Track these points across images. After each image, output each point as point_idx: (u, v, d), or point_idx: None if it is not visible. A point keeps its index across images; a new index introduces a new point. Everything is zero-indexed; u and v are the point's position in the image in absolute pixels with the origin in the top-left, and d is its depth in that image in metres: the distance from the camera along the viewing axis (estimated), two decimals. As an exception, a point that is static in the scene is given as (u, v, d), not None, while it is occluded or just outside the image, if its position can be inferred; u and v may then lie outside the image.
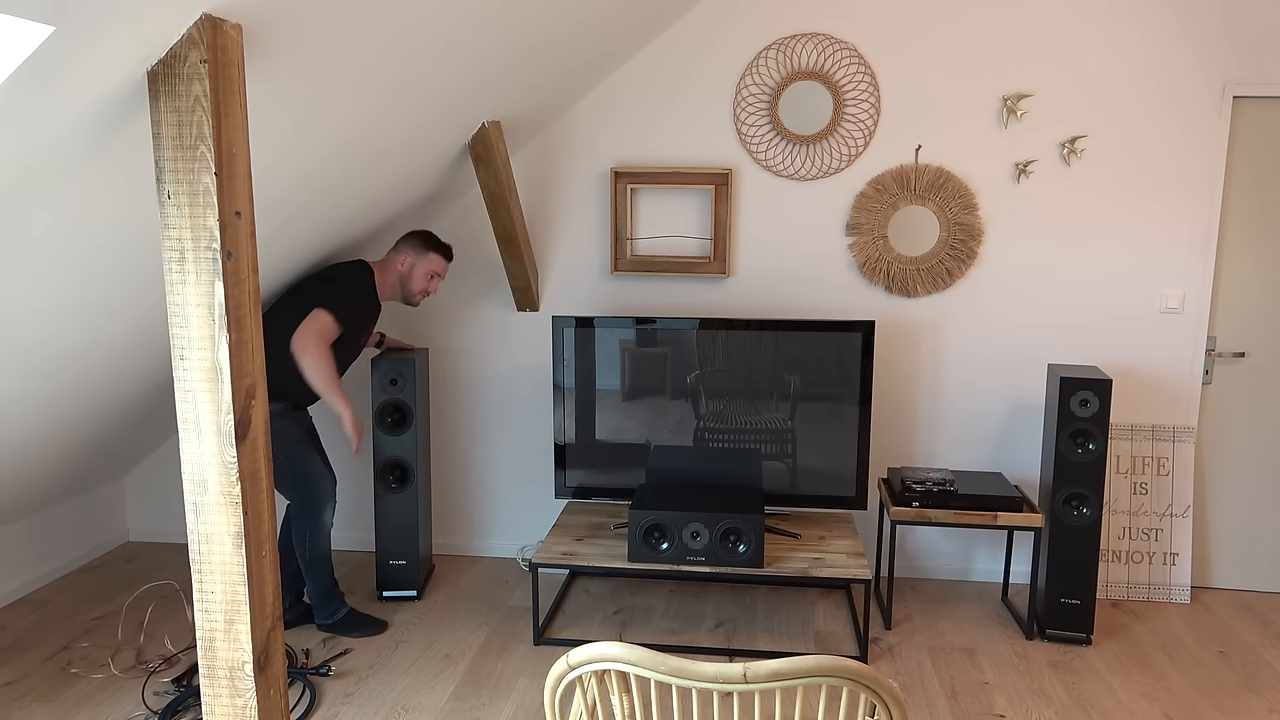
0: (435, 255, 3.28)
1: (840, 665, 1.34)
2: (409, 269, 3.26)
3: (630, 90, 3.69)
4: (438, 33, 2.33)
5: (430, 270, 3.28)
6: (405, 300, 3.32)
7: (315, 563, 3.28)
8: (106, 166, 1.92)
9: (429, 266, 3.27)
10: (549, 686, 1.45)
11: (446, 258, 3.32)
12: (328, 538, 3.31)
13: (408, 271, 3.26)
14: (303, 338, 3.00)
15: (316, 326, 3.02)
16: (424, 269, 3.27)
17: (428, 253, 3.27)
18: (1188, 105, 3.49)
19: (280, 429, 3.13)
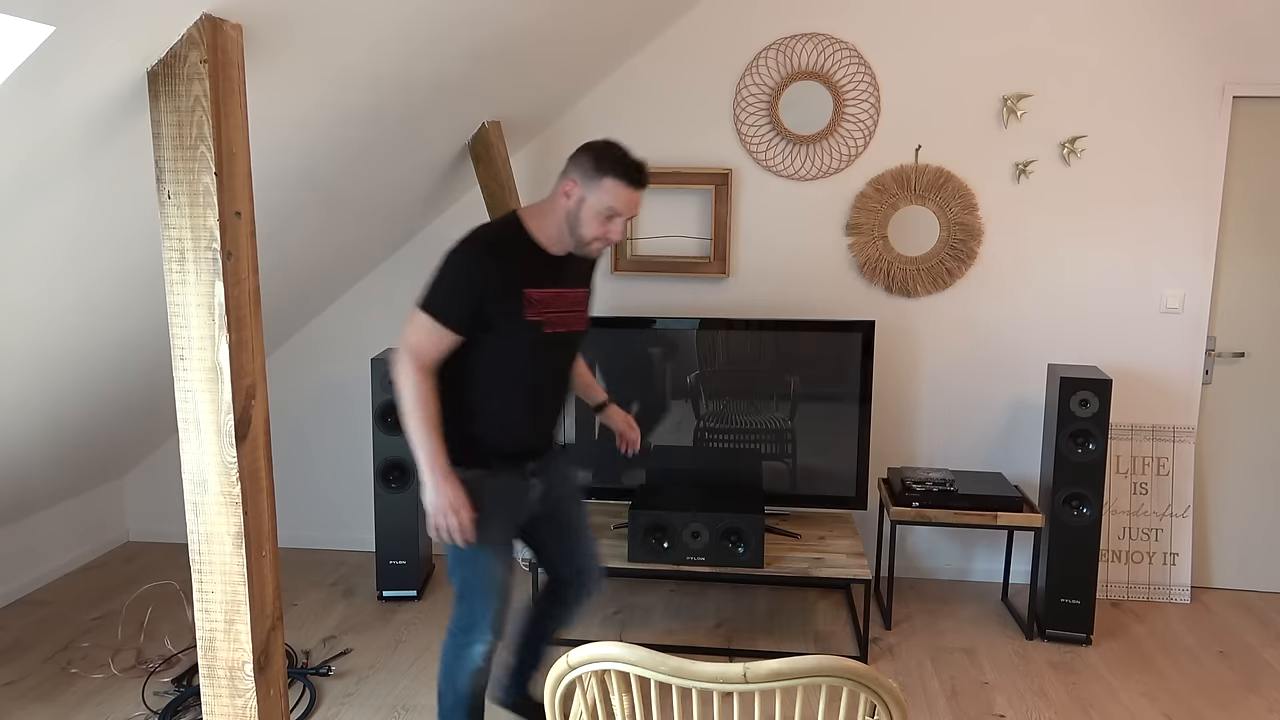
0: (612, 182, 2.08)
1: (840, 665, 1.34)
2: (576, 204, 2.11)
3: (630, 90, 3.69)
4: (438, 33, 2.33)
5: (604, 206, 2.09)
6: (577, 251, 2.19)
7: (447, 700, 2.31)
8: (106, 166, 1.92)
9: (602, 201, 2.09)
10: (549, 687, 1.45)
11: (633, 183, 2.10)
12: (475, 678, 2.28)
13: (575, 208, 2.11)
14: (397, 353, 2.13)
15: (409, 336, 2.10)
16: (595, 205, 2.09)
17: (600, 179, 2.08)
18: (1188, 105, 3.49)
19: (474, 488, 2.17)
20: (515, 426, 2.26)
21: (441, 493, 2.08)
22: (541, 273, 2.16)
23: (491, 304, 2.10)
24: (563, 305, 2.20)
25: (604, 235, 2.13)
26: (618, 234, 2.14)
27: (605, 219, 2.11)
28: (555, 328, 2.19)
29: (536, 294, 2.14)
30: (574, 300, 2.24)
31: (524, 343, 2.16)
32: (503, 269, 2.11)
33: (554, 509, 2.41)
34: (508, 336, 2.14)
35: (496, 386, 2.19)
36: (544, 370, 2.25)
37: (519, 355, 2.18)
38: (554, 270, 2.18)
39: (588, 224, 2.11)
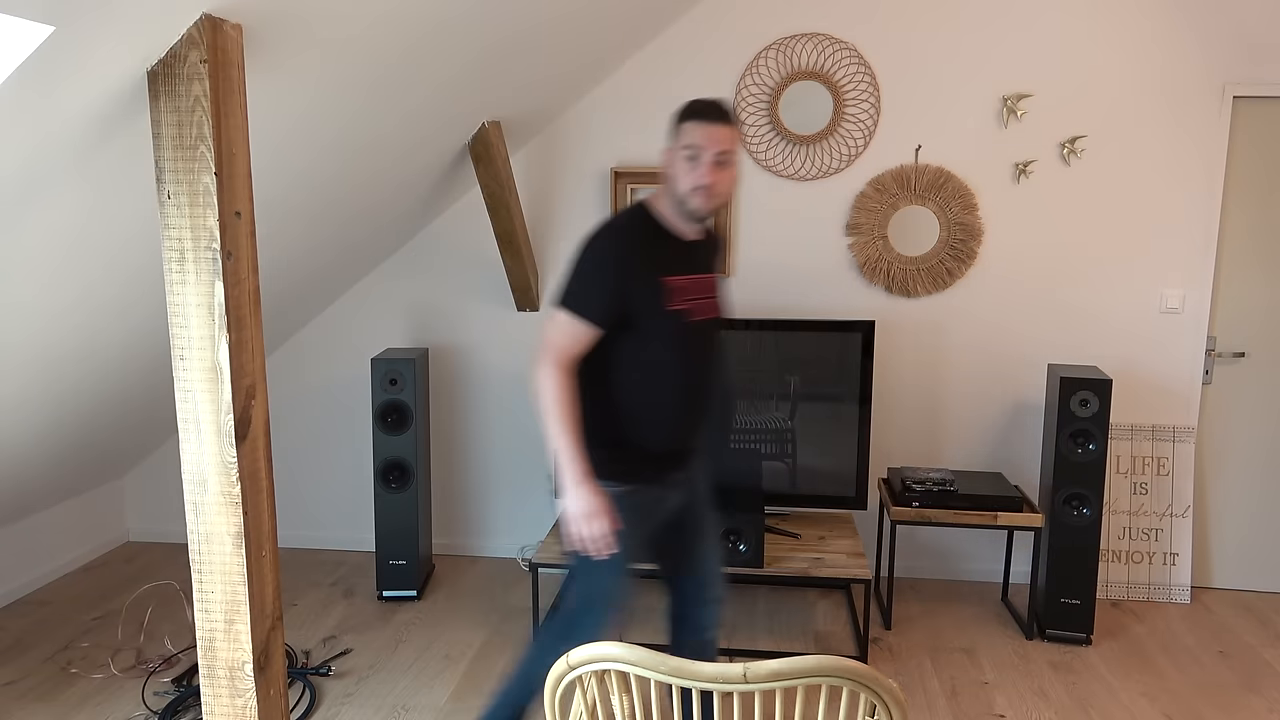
0: (687, 124, 2.02)
1: (840, 665, 1.34)
2: (669, 164, 2.06)
3: (630, 90, 3.69)
4: (438, 33, 2.33)
5: (683, 148, 2.02)
6: (686, 214, 2.08)
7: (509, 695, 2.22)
8: (107, 167, 1.92)
9: (680, 144, 2.03)
10: (549, 686, 1.45)
11: (705, 118, 2.02)
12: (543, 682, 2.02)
13: (670, 169, 2.06)
14: (540, 355, 2.06)
15: (549, 335, 2.05)
16: (679, 153, 2.03)
17: (678, 127, 2.04)
18: (1188, 105, 3.49)
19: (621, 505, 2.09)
20: (667, 425, 2.14)
21: (582, 498, 1.99)
22: (676, 259, 2.08)
23: (632, 295, 2.02)
24: (700, 292, 2.11)
25: (696, 181, 1.99)
26: (707, 174, 1.98)
27: (690, 162, 1.99)
28: (697, 316, 2.10)
29: (675, 282, 2.06)
30: (709, 286, 2.16)
31: (668, 334, 2.07)
32: (639, 258, 2.03)
33: (686, 516, 2.29)
34: (651, 329, 2.04)
35: (645, 383, 2.09)
36: (691, 362, 2.12)
37: (665, 348, 2.07)
38: (687, 256, 2.11)
39: (680, 177, 2.01)
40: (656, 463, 2.15)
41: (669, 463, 2.17)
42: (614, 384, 2.09)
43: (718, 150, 1.99)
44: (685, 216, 2.06)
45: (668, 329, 2.06)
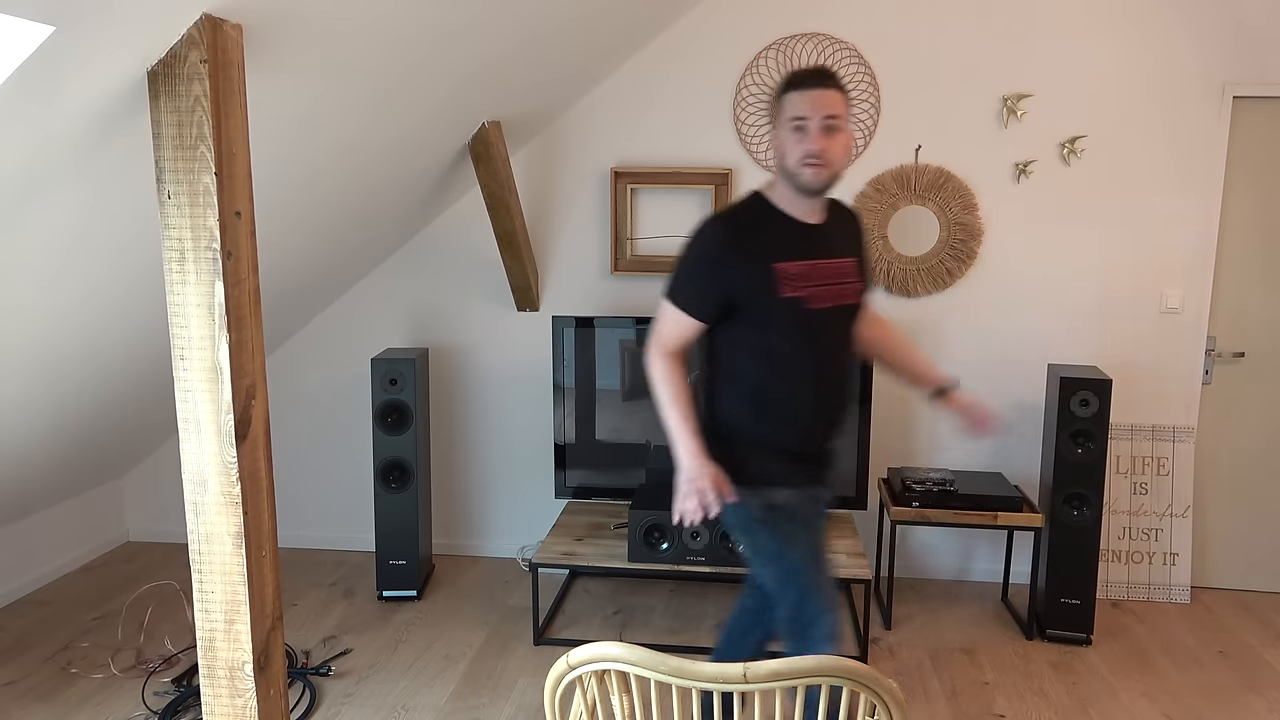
0: (787, 95, 1.96)
1: (840, 665, 1.34)
2: (777, 145, 2.00)
3: (630, 90, 3.69)
4: (438, 33, 2.33)
5: (788, 121, 1.94)
6: (801, 190, 1.98)
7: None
8: (107, 167, 1.92)
9: (784, 119, 1.95)
10: (549, 686, 1.45)
11: (804, 85, 1.94)
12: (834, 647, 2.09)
13: (777, 145, 1.99)
14: (650, 342, 2.10)
15: (658, 325, 2.08)
16: (784, 126, 1.96)
17: (780, 100, 1.97)
18: (1188, 105, 3.49)
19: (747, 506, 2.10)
20: (795, 420, 2.06)
21: (696, 468, 2.00)
22: (792, 244, 1.99)
23: (738, 285, 1.97)
24: (824, 277, 2.00)
25: (805, 151, 1.90)
26: (816, 141, 1.90)
27: (797, 134, 1.92)
28: (819, 303, 2.00)
29: (790, 268, 1.97)
30: (838, 271, 2.03)
31: (786, 323, 1.99)
32: (746, 245, 1.97)
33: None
34: (765, 318, 1.99)
35: (769, 375, 2.03)
36: (817, 352, 2.03)
37: (784, 338, 2.00)
38: (809, 240, 2.01)
39: (788, 151, 1.93)
40: (790, 464, 2.08)
41: (804, 465, 2.11)
42: (740, 376, 2.06)
43: (824, 115, 1.90)
44: (800, 193, 1.97)
45: (784, 317, 1.98)
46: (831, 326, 2.05)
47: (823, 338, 2.04)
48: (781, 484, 2.08)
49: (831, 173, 1.94)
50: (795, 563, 2.08)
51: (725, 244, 1.98)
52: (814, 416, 2.08)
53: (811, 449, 2.11)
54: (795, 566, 2.08)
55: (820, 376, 2.05)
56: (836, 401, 2.11)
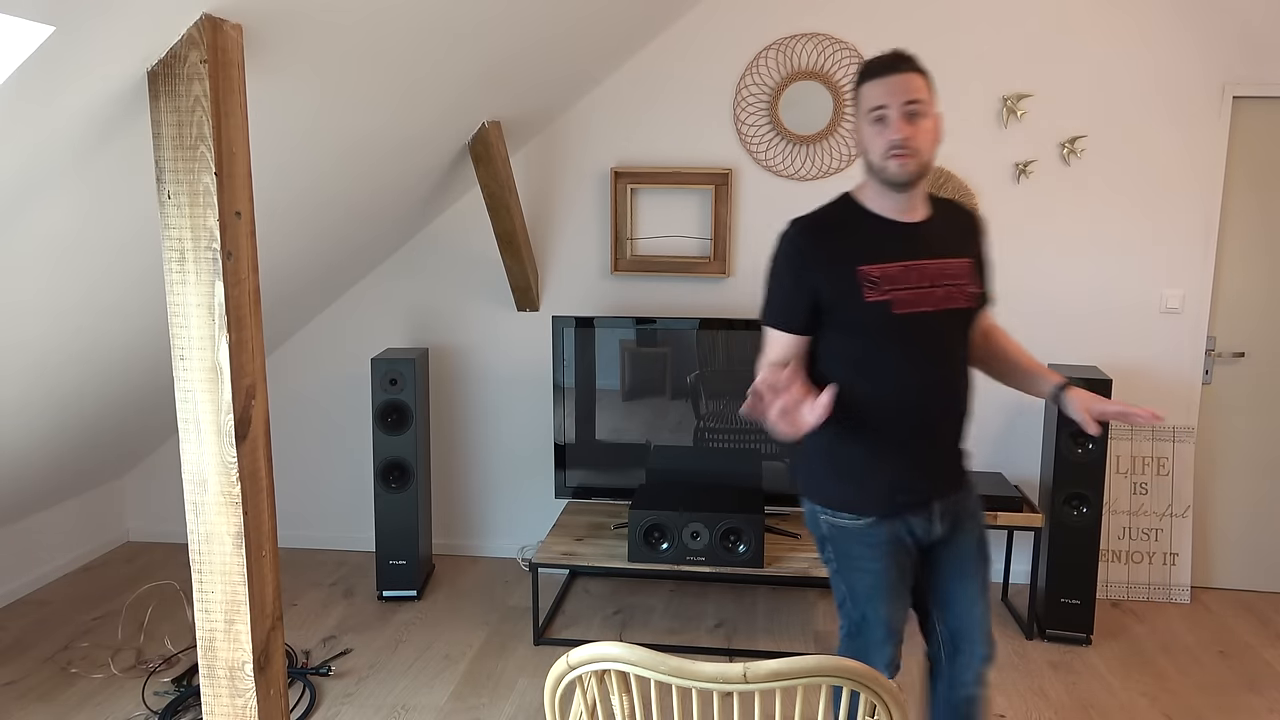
0: (865, 86, 1.83)
1: (840, 665, 1.34)
2: (860, 140, 1.87)
3: (630, 90, 3.69)
4: (438, 33, 2.33)
5: (869, 112, 1.81)
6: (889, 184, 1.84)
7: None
8: (106, 167, 1.92)
9: (864, 111, 1.83)
10: (549, 686, 1.45)
11: (881, 73, 1.81)
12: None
13: (860, 144, 1.87)
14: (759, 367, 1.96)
15: (763, 354, 1.97)
16: (864, 119, 1.83)
17: (858, 92, 1.85)
18: (1188, 105, 3.49)
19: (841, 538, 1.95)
20: (895, 437, 1.87)
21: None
22: (881, 244, 1.84)
23: (823, 289, 1.84)
24: (919, 280, 1.83)
25: (888, 142, 1.77)
26: (899, 129, 1.75)
27: (878, 124, 1.79)
28: (911, 307, 1.82)
29: (876, 270, 1.82)
30: (939, 273, 1.85)
31: (874, 330, 1.83)
32: (827, 247, 1.86)
33: (943, 552, 1.99)
34: (854, 326, 1.85)
35: (860, 387, 1.85)
36: (915, 361, 1.85)
37: (874, 346, 1.85)
38: (903, 239, 1.85)
39: (871, 144, 1.80)
40: (895, 486, 1.88)
41: (911, 487, 1.89)
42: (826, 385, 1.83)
43: (905, 100, 1.76)
44: (890, 188, 1.82)
45: (871, 323, 1.82)
46: (932, 333, 1.85)
47: (922, 346, 1.84)
48: (858, 511, 1.90)
49: (920, 162, 1.78)
50: (856, 601, 1.94)
51: (804, 248, 1.87)
52: (910, 434, 1.87)
53: (908, 472, 1.88)
54: (854, 606, 1.95)
55: (919, 389, 1.85)
56: (942, 418, 1.90)
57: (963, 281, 1.88)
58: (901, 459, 1.88)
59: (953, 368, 1.90)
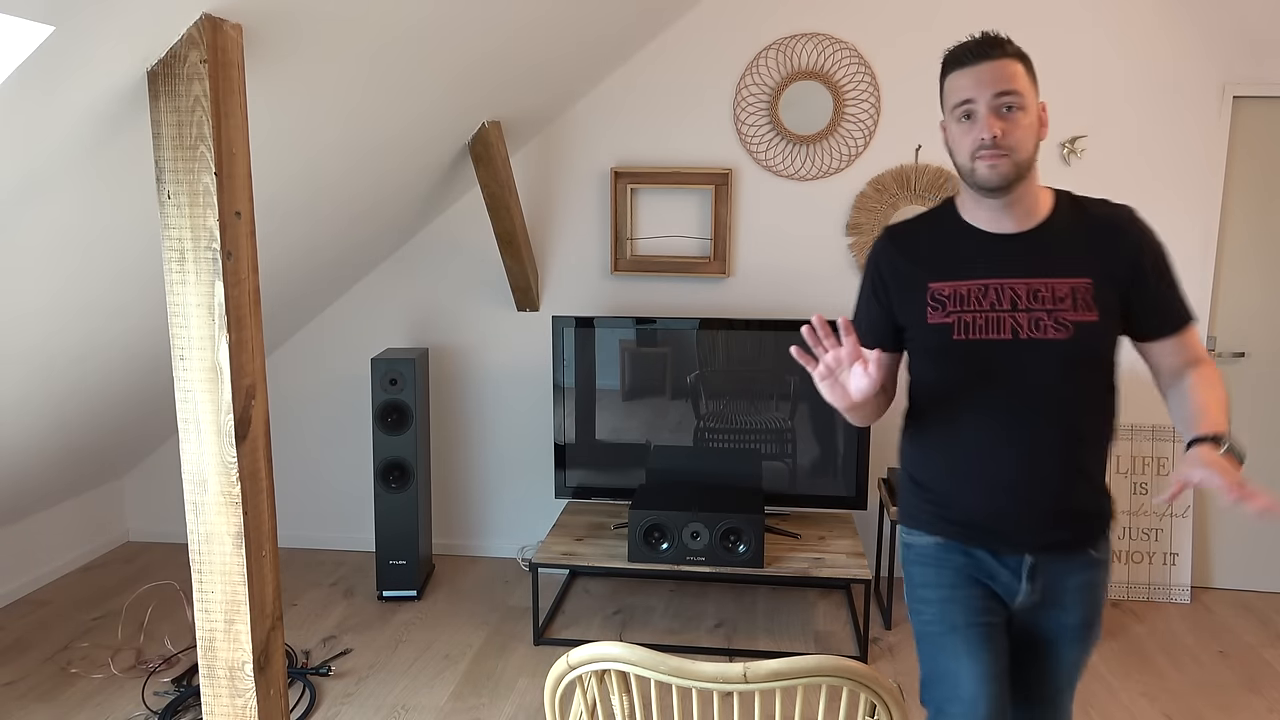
0: (947, 80, 1.60)
1: (840, 665, 1.34)
2: (948, 141, 1.63)
3: (630, 90, 3.69)
4: (438, 33, 2.33)
5: (954, 109, 1.58)
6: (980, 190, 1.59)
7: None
8: (106, 166, 1.92)
9: (949, 108, 1.59)
10: (549, 686, 1.45)
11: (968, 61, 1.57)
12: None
13: (948, 141, 1.63)
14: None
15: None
16: (950, 117, 1.60)
17: (942, 88, 1.62)
18: (1188, 105, 3.49)
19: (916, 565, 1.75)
20: (960, 476, 1.66)
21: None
22: (963, 260, 1.62)
23: (895, 306, 1.69)
24: (996, 302, 1.59)
25: (977, 141, 1.53)
26: (989, 126, 1.51)
27: (964, 122, 1.56)
28: (978, 334, 1.59)
29: (947, 288, 1.61)
30: (1029, 295, 1.58)
31: (938, 358, 1.65)
32: (905, 258, 1.68)
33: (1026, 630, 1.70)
34: (922, 351, 1.68)
35: (933, 419, 1.69)
36: (981, 399, 1.62)
37: (943, 375, 1.65)
38: (993, 254, 1.61)
39: (958, 146, 1.57)
40: (970, 509, 1.66)
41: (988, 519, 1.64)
42: (913, 415, 1.75)
43: (994, 92, 1.52)
44: (983, 194, 1.58)
45: (936, 350, 1.64)
46: (1006, 367, 1.59)
47: (992, 381, 1.60)
48: (927, 526, 1.71)
49: (1014, 162, 1.53)
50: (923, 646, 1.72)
51: (882, 259, 1.71)
52: (986, 477, 1.63)
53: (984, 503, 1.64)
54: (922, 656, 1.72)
55: (992, 432, 1.62)
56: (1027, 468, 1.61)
57: (1061, 307, 1.57)
58: (979, 494, 1.64)
59: (1043, 411, 1.59)
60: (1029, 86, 1.55)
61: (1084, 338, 1.57)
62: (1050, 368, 1.58)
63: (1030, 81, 1.55)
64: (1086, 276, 1.58)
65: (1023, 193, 1.59)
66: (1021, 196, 1.59)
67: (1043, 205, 1.62)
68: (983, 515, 1.65)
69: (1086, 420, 1.61)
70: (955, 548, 1.68)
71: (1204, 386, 1.59)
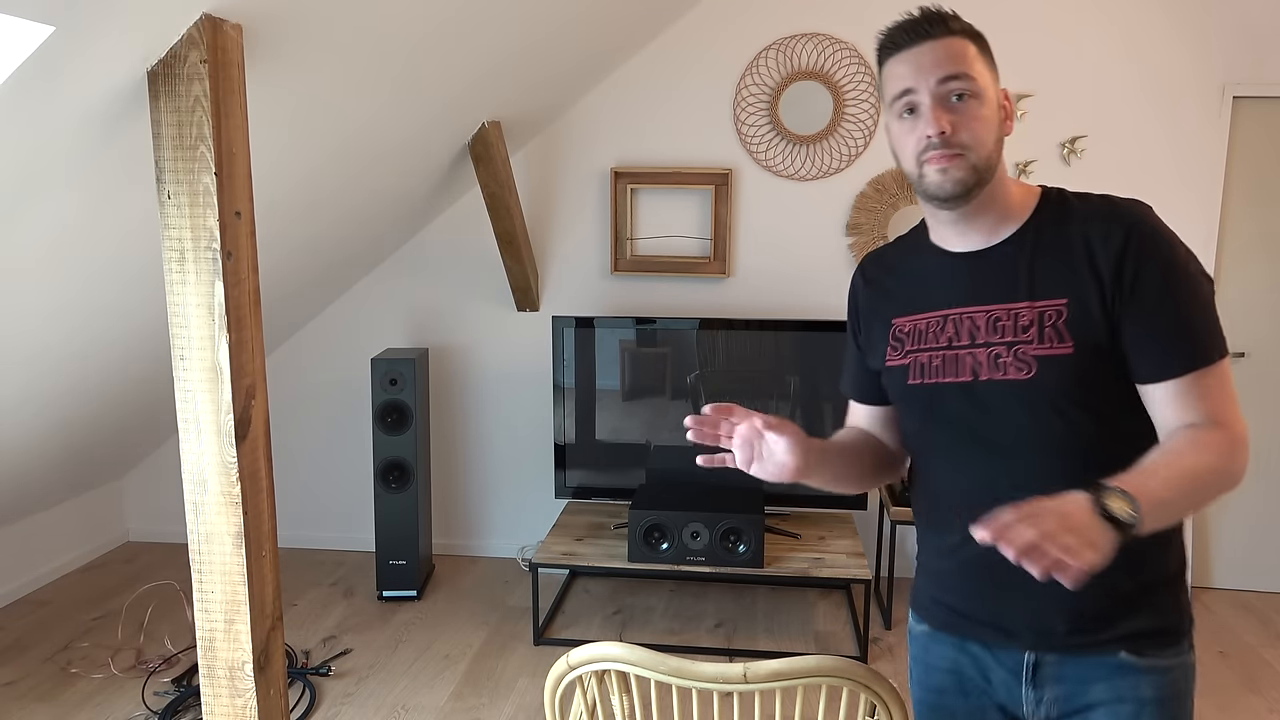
0: (886, 67, 1.28)
1: (840, 665, 1.34)
2: (891, 140, 1.30)
3: (630, 90, 3.69)
4: (438, 33, 2.33)
5: (892, 100, 1.26)
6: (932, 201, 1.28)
7: None
8: (106, 166, 1.92)
9: (887, 98, 1.28)
10: (549, 686, 1.45)
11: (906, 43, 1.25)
12: None
13: (892, 145, 1.30)
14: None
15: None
16: (889, 111, 1.28)
17: (880, 76, 1.30)
18: (1188, 105, 3.49)
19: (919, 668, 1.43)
20: (938, 548, 1.36)
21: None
22: (927, 287, 1.33)
23: (868, 348, 1.42)
24: (953, 337, 1.28)
25: (922, 141, 1.21)
26: (934, 121, 1.20)
27: (907, 118, 1.23)
28: (932, 376, 1.29)
29: (907, 323, 1.34)
30: (988, 326, 1.25)
31: (903, 408, 1.37)
32: (871, 289, 1.42)
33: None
34: (892, 399, 1.40)
35: (918, 479, 1.41)
36: (950, 455, 1.31)
37: (913, 428, 1.37)
38: (953, 278, 1.30)
39: (902, 147, 1.25)
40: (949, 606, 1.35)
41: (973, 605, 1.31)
42: (909, 473, 1.47)
43: (939, 77, 1.20)
44: (937, 206, 1.27)
45: (899, 398, 1.37)
46: (968, 417, 1.26)
47: (955, 434, 1.28)
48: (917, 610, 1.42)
49: (969, 164, 1.22)
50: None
51: (856, 292, 1.45)
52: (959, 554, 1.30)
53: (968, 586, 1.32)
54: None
55: (963, 495, 1.29)
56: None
57: (1023, 339, 1.22)
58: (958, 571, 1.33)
59: (1022, 470, 1.24)
60: (984, 69, 1.26)
61: (1051, 378, 1.20)
62: (1015, 417, 1.24)
63: (986, 64, 1.26)
64: (1061, 297, 1.22)
65: (987, 200, 1.27)
66: (986, 205, 1.28)
67: (1019, 211, 1.30)
68: (963, 596, 1.33)
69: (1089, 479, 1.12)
70: (944, 639, 1.36)
71: (1186, 449, 1.16)
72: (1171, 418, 1.21)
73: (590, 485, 3.61)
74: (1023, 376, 1.23)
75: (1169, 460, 1.14)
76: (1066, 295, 1.22)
